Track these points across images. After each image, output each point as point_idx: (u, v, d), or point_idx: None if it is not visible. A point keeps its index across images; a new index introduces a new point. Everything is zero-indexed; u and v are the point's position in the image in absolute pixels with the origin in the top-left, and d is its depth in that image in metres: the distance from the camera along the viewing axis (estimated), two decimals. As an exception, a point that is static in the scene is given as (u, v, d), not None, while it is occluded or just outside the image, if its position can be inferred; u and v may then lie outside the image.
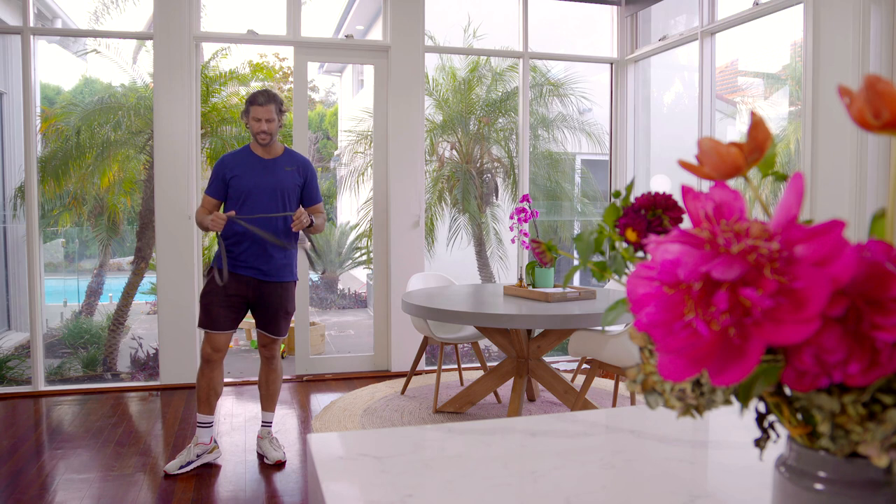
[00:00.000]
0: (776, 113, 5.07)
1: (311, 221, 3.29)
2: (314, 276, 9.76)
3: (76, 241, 5.93)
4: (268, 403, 3.53)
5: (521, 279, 4.12)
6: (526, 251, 5.23)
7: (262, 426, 3.53)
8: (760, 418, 0.58)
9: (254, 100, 3.27)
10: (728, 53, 5.12)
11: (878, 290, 0.45)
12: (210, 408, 3.36)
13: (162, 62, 4.66)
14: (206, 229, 3.29)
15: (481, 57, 6.27)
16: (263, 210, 3.29)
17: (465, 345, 5.49)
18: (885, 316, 0.44)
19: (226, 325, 3.31)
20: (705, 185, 0.75)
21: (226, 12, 6.49)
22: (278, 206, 3.32)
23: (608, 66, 5.87)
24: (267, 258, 3.32)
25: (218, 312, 3.28)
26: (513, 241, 4.14)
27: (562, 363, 5.47)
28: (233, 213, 3.24)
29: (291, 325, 5.75)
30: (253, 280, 3.33)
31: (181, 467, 3.25)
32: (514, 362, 3.81)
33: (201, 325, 3.33)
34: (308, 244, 3.50)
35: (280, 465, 3.38)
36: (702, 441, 1.00)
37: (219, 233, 3.30)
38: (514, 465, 0.90)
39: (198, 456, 3.31)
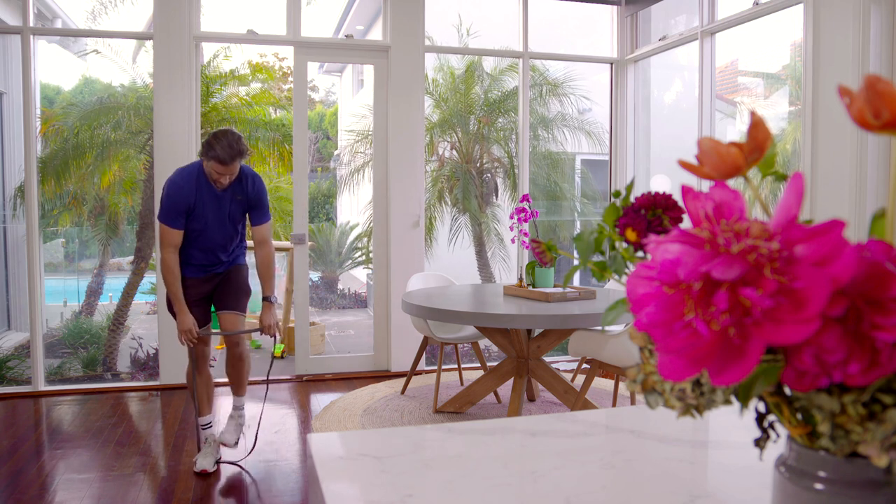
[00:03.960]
0: (776, 113, 5.07)
1: (279, 323, 3.38)
2: (314, 277, 9.76)
3: (76, 241, 5.93)
4: (238, 388, 3.45)
5: (521, 279, 4.12)
6: (526, 251, 5.23)
7: (234, 409, 3.48)
8: (760, 418, 0.58)
9: (216, 155, 3.05)
10: (728, 53, 5.12)
11: (878, 290, 0.45)
12: (212, 406, 3.44)
13: (162, 62, 4.66)
14: (171, 298, 3.25)
15: (482, 57, 6.27)
16: (214, 242, 3.29)
17: (465, 345, 5.49)
18: (885, 316, 0.44)
19: (204, 320, 3.38)
20: (705, 185, 0.75)
21: (226, 12, 6.49)
22: (227, 236, 3.33)
23: (608, 65, 5.87)
24: (218, 261, 3.38)
25: (194, 312, 3.30)
26: (513, 240, 4.14)
27: (562, 363, 5.47)
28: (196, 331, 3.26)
29: (291, 324, 5.77)
30: (210, 275, 3.40)
31: (214, 464, 3.33)
32: (514, 362, 3.81)
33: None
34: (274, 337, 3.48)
35: (224, 445, 3.40)
36: (702, 441, 1.00)
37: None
38: (514, 465, 0.90)
39: (216, 451, 3.39)
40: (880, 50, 3.58)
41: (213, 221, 3.26)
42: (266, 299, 3.38)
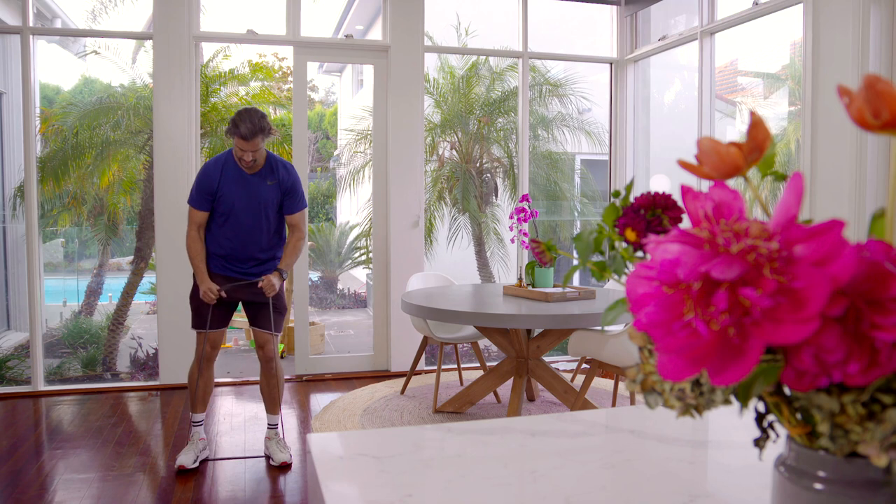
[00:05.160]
0: (776, 113, 5.07)
1: (282, 284, 3.34)
2: (314, 276, 9.76)
3: (76, 241, 5.93)
4: (272, 406, 3.51)
5: (520, 279, 4.12)
6: (526, 251, 5.23)
7: (269, 428, 3.52)
8: (760, 418, 0.58)
9: (237, 132, 3.13)
10: (728, 53, 5.12)
11: (878, 289, 0.45)
12: (206, 405, 3.45)
13: (161, 62, 4.66)
14: (196, 272, 3.28)
15: (480, 56, 6.28)
16: (243, 228, 3.30)
17: (465, 345, 5.49)
18: (884, 316, 0.44)
19: (220, 324, 3.37)
20: (705, 185, 0.76)
21: (225, 12, 6.48)
22: (260, 223, 3.32)
23: (608, 65, 5.87)
24: (255, 264, 3.37)
25: (211, 312, 3.32)
26: (512, 240, 4.14)
27: (561, 363, 5.47)
28: (217, 290, 3.26)
29: (291, 324, 5.77)
30: (239, 277, 3.37)
31: (195, 461, 3.31)
32: (514, 362, 3.81)
33: (196, 326, 3.37)
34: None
35: (285, 466, 3.37)
36: (702, 441, 1.00)
37: (207, 241, 3.36)
38: (514, 465, 0.90)
39: (201, 451, 3.38)
40: (880, 50, 3.58)
41: (241, 205, 3.28)
42: (277, 269, 3.37)
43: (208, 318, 3.31)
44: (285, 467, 3.36)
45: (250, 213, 3.30)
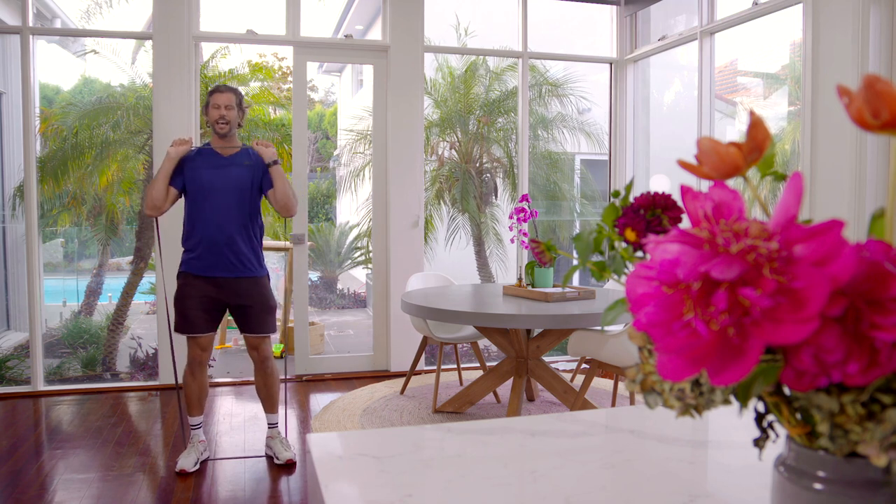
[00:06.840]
0: (775, 113, 5.07)
1: (275, 160, 3.34)
2: (314, 276, 9.76)
3: (75, 241, 5.92)
4: (269, 406, 3.51)
5: (520, 279, 4.12)
6: (525, 251, 5.23)
7: (270, 427, 3.52)
8: (759, 418, 0.58)
9: (215, 88, 3.36)
10: (727, 53, 5.12)
11: (878, 289, 0.45)
12: (202, 408, 3.44)
13: (161, 62, 4.66)
14: (161, 182, 3.27)
15: (479, 56, 6.28)
16: (221, 209, 3.27)
17: (465, 345, 5.49)
18: (884, 316, 0.44)
19: (206, 328, 3.32)
20: (704, 185, 0.76)
21: (225, 12, 6.48)
22: (235, 204, 3.30)
23: (607, 65, 5.87)
24: (232, 251, 3.29)
25: (196, 315, 3.28)
26: (512, 240, 4.14)
27: (561, 363, 5.47)
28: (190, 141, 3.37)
29: (290, 324, 5.77)
30: (224, 280, 3.30)
31: (195, 464, 3.30)
32: (514, 362, 3.81)
33: (180, 330, 3.31)
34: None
35: (291, 464, 3.37)
36: (702, 441, 1.00)
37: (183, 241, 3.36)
38: (514, 465, 0.90)
39: (201, 453, 3.38)
40: (879, 50, 3.58)
41: (211, 185, 3.27)
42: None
43: (196, 322, 3.28)
44: (290, 465, 3.37)
45: (222, 192, 3.28)
